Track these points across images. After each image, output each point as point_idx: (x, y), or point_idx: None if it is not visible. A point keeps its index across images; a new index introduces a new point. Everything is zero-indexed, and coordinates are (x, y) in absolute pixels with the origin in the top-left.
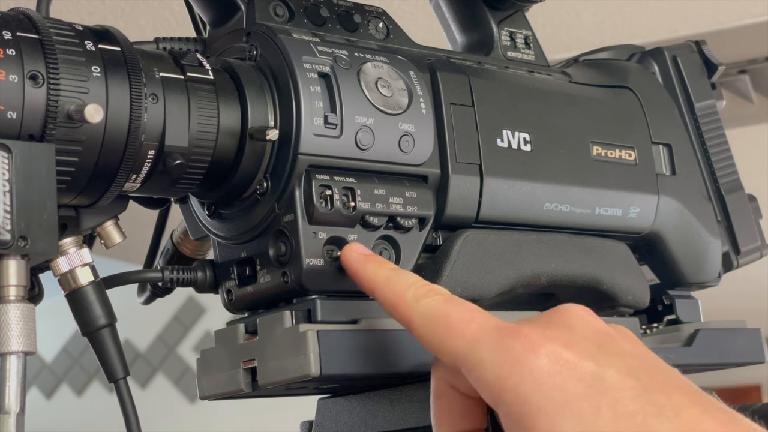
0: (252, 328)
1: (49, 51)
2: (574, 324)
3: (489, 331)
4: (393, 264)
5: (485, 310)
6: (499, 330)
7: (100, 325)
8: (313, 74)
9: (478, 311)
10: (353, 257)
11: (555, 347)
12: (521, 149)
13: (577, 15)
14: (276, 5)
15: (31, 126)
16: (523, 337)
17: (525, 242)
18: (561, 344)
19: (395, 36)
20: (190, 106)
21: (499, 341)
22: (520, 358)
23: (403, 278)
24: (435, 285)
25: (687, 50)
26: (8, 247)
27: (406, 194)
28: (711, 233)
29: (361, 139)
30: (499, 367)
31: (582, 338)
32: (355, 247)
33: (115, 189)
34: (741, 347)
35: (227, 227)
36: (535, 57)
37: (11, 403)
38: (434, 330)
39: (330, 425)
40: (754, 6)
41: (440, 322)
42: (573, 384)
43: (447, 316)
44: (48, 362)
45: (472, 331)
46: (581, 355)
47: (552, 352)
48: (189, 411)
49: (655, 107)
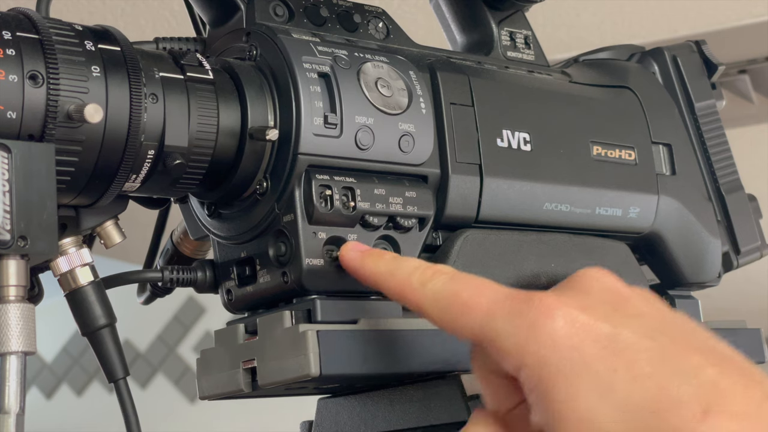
0: (252, 328)
1: (49, 51)
2: (590, 287)
3: (501, 302)
4: (392, 253)
5: (493, 281)
6: (511, 298)
7: (99, 325)
8: (313, 74)
9: (486, 284)
10: (351, 255)
11: (570, 310)
12: (521, 149)
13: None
14: (276, 5)
15: (31, 126)
16: (537, 302)
17: (525, 242)
18: (576, 307)
19: (395, 36)
20: (189, 106)
21: (512, 309)
22: (535, 323)
23: (405, 264)
24: (438, 264)
25: (687, 50)
26: (8, 247)
27: (406, 194)
28: (711, 233)
29: (361, 139)
30: (515, 334)
31: (598, 301)
32: (351, 245)
33: (114, 189)
34: (741, 347)
35: (227, 227)
36: (535, 57)
37: (11, 403)
38: (446, 311)
39: (330, 425)
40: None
41: (451, 302)
42: (589, 345)
43: (456, 295)
44: (48, 362)
45: (484, 305)
46: (597, 317)
47: (567, 315)
48: (189, 411)
49: (655, 107)
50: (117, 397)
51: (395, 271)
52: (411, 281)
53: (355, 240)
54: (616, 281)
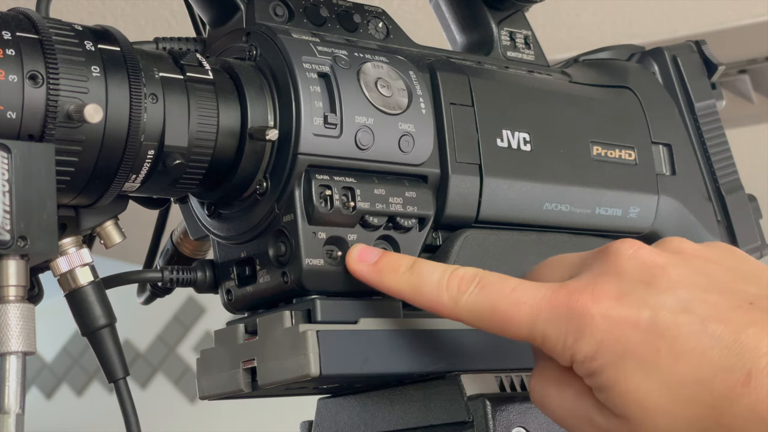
0: (252, 328)
1: (49, 51)
2: (621, 267)
3: (542, 309)
4: (405, 260)
5: (523, 280)
6: (550, 302)
7: (99, 325)
8: (313, 74)
9: (520, 289)
10: (364, 271)
11: (606, 309)
12: (521, 149)
13: (577, 15)
14: (276, 5)
15: (31, 126)
16: (574, 304)
17: (525, 242)
18: (611, 300)
19: (395, 36)
20: (189, 106)
21: (554, 315)
22: (579, 327)
23: (427, 280)
24: (459, 269)
25: (687, 50)
26: (8, 247)
27: (406, 194)
28: (711, 233)
29: (361, 139)
30: (563, 338)
31: (631, 282)
32: (356, 254)
33: (114, 189)
34: None
35: (227, 227)
36: (535, 57)
37: (11, 403)
38: (489, 325)
39: (330, 425)
40: (754, 6)
41: (491, 316)
42: (631, 333)
43: (495, 309)
44: (48, 362)
45: (525, 315)
46: (633, 303)
47: (605, 314)
48: (189, 411)
49: (655, 107)
50: (117, 397)
51: (420, 288)
52: (442, 300)
53: (354, 240)
54: (650, 252)
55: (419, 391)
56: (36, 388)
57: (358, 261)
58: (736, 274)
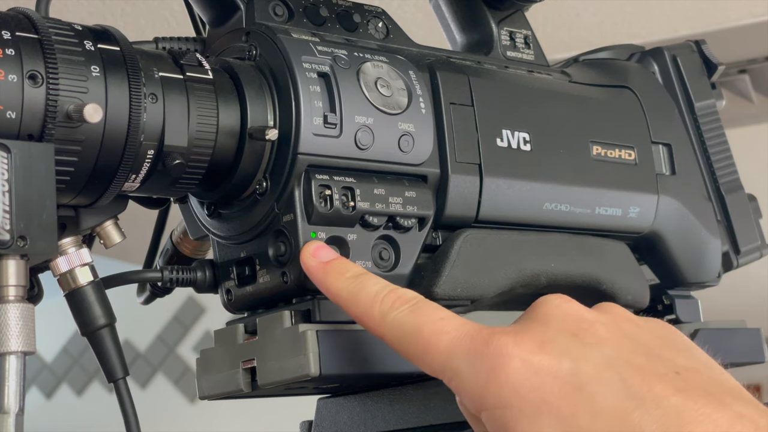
0: (251, 328)
1: (48, 51)
2: (549, 317)
3: (462, 342)
4: (354, 268)
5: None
6: (471, 339)
7: (99, 325)
8: (313, 74)
9: (448, 319)
10: (311, 264)
11: (526, 353)
12: (521, 149)
13: (577, 15)
14: (275, 5)
15: (31, 126)
16: (495, 344)
17: (525, 242)
18: (534, 346)
19: (395, 36)
20: (189, 106)
21: (472, 351)
22: (494, 366)
23: (366, 290)
24: (399, 290)
25: (687, 50)
26: (7, 247)
27: (406, 194)
28: (711, 233)
29: (361, 139)
30: (475, 375)
31: (556, 332)
32: (311, 249)
33: (114, 189)
34: (741, 347)
35: (227, 227)
36: (535, 57)
37: (10, 403)
38: (408, 346)
39: (330, 425)
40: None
41: (412, 338)
42: (550, 384)
43: (418, 332)
44: (48, 362)
45: (444, 344)
46: (555, 352)
47: (524, 356)
48: (189, 411)
49: (655, 107)
50: (117, 397)
51: (357, 296)
52: (372, 311)
53: (354, 240)
54: (579, 307)
55: (419, 391)
56: (36, 388)
57: (311, 255)
58: (665, 343)
